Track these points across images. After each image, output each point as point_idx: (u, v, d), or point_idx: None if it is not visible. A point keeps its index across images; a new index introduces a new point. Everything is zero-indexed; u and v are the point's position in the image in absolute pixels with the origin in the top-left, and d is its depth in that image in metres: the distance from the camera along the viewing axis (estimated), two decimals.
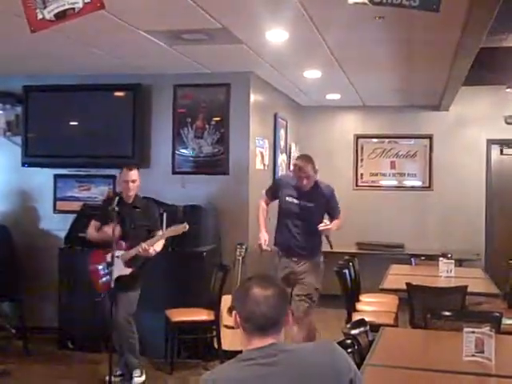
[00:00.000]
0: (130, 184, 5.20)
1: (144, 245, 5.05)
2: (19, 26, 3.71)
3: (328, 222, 5.27)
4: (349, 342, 3.23)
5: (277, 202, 5.53)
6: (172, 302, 5.76)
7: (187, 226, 5.16)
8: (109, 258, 5.00)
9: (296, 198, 5.34)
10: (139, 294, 5.23)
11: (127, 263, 5.10)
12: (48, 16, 2.86)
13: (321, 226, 5.17)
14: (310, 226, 5.26)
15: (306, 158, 5.35)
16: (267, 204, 5.63)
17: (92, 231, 5.33)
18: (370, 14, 4.26)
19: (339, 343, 2.61)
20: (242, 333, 2.11)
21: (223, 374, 2.06)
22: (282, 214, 5.47)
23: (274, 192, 5.58)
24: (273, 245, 5.50)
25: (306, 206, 5.31)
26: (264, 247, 5.35)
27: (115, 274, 4.99)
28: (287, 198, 5.38)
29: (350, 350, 3.06)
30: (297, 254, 5.34)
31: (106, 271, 5.10)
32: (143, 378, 5.23)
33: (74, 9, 2.81)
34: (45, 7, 2.85)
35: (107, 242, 5.03)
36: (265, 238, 5.35)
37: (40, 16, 2.87)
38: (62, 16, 2.85)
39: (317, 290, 5.35)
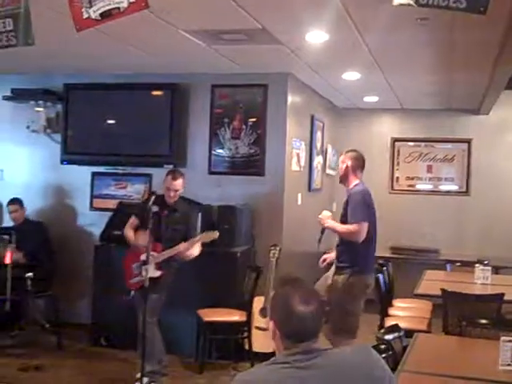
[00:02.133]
0: (172, 193, 5.20)
1: (180, 247, 5.06)
2: (62, 24, 3.77)
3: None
4: (383, 347, 3.20)
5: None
6: (204, 301, 5.77)
7: (217, 233, 5.20)
8: (143, 257, 5.03)
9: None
10: (164, 299, 5.21)
11: (158, 266, 5.09)
12: (94, 15, 2.89)
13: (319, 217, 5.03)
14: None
15: (348, 150, 5.26)
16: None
17: (128, 231, 5.31)
18: (413, 16, 4.21)
19: (373, 348, 2.59)
20: (280, 341, 2.06)
21: (258, 375, 2.05)
22: None
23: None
24: None
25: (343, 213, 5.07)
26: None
27: (148, 275, 5.02)
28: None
29: (384, 355, 3.03)
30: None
31: (138, 271, 5.13)
32: None
33: (119, 8, 2.84)
34: (91, 6, 2.88)
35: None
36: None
37: (86, 15, 2.91)
38: (107, 15, 2.88)
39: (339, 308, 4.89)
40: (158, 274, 5.09)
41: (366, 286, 5.00)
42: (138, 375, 4.94)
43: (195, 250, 5.16)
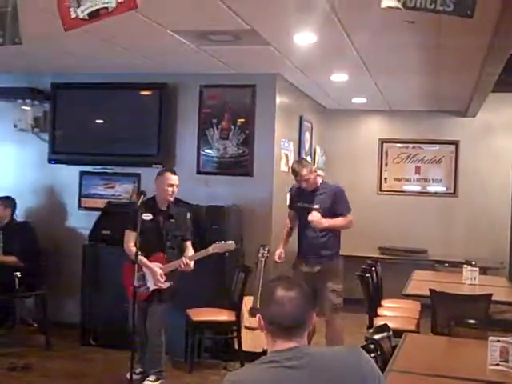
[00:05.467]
0: (175, 188, 5.14)
1: (185, 260, 5.04)
2: (50, 23, 3.76)
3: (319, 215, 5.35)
4: (372, 346, 3.21)
5: None
6: (193, 301, 5.75)
7: (234, 245, 5.20)
8: (145, 269, 5.02)
9: (303, 202, 5.54)
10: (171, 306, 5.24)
11: (165, 277, 5.07)
12: (81, 15, 2.88)
13: (310, 217, 5.31)
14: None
15: (300, 163, 5.53)
16: (290, 218, 5.81)
17: (132, 248, 5.00)
18: (400, 18, 4.23)
19: (362, 348, 2.60)
20: (267, 335, 2.10)
21: (247, 375, 2.05)
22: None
23: (290, 203, 5.83)
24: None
25: (310, 208, 5.42)
26: (278, 260, 5.66)
27: (152, 287, 5.01)
28: (298, 204, 5.60)
29: (372, 355, 3.04)
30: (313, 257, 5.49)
31: (142, 282, 5.07)
32: None
33: (107, 8, 2.83)
34: (79, 6, 2.87)
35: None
36: (279, 253, 5.66)
37: (73, 15, 2.89)
38: (95, 15, 2.87)
39: (332, 292, 5.46)
40: (167, 285, 5.07)
41: None
42: (128, 375, 4.94)
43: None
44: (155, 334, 5.10)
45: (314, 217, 5.33)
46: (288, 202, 5.94)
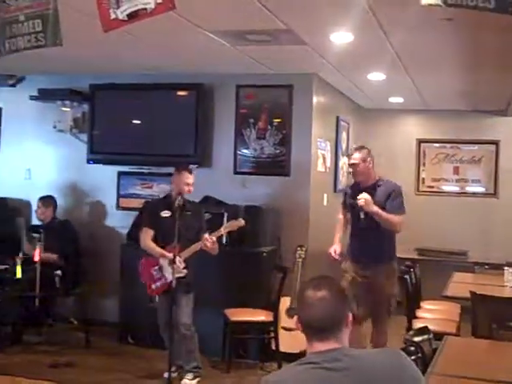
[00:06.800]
0: (191, 187, 5.25)
1: (208, 237, 5.07)
2: (89, 25, 3.80)
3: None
4: (412, 349, 3.16)
5: None
6: (231, 301, 5.77)
7: (243, 221, 5.21)
8: (162, 261, 5.06)
9: (355, 199, 5.16)
10: (193, 298, 5.26)
11: (185, 265, 5.10)
12: (121, 16, 2.91)
13: (359, 196, 5.01)
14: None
15: (357, 147, 5.31)
16: (343, 214, 5.56)
17: (149, 242, 5.24)
18: (438, 16, 4.17)
19: (402, 350, 2.56)
20: (305, 336, 2.09)
21: (289, 375, 2.04)
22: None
23: (344, 200, 5.57)
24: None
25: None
26: (335, 256, 5.33)
27: (170, 278, 5.02)
28: (351, 200, 5.30)
29: (413, 358, 3.00)
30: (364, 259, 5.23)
31: (160, 275, 5.13)
32: (194, 382, 5.22)
33: (146, 9, 2.85)
34: (118, 7, 2.90)
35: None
36: (334, 248, 5.34)
37: (113, 16, 2.92)
38: (134, 16, 2.89)
39: (390, 296, 5.26)
40: (184, 272, 5.09)
41: None
42: (166, 374, 4.97)
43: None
44: (185, 327, 5.13)
45: (364, 195, 4.99)
46: (342, 199, 5.65)
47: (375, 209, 5.00)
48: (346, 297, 2.13)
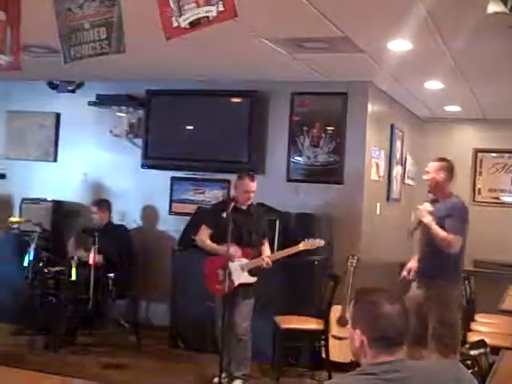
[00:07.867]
0: (251, 194, 5.25)
1: (267, 259, 5.13)
2: (147, 32, 3.85)
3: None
4: (468, 362, 3.10)
5: None
6: (282, 309, 5.76)
7: (323, 242, 5.21)
8: (230, 264, 5.07)
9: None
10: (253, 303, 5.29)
11: (251, 272, 5.15)
12: (183, 24, 2.93)
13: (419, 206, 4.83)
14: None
15: (437, 158, 5.03)
16: None
17: (205, 239, 5.30)
18: (504, 23, 4.08)
19: None
20: (368, 349, 2.04)
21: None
22: None
23: None
24: None
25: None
26: (407, 276, 5.00)
27: (238, 281, 5.07)
28: None
29: (470, 371, 2.94)
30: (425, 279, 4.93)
31: (225, 277, 5.10)
32: None
33: (208, 17, 2.87)
34: (180, 15, 2.93)
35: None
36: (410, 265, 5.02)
37: (175, 24, 2.95)
38: (196, 24, 2.92)
39: (439, 324, 4.77)
40: (253, 280, 5.14)
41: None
42: (216, 380, 4.99)
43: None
44: (243, 331, 5.16)
45: (425, 206, 4.79)
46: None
47: (430, 223, 4.74)
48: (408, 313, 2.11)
